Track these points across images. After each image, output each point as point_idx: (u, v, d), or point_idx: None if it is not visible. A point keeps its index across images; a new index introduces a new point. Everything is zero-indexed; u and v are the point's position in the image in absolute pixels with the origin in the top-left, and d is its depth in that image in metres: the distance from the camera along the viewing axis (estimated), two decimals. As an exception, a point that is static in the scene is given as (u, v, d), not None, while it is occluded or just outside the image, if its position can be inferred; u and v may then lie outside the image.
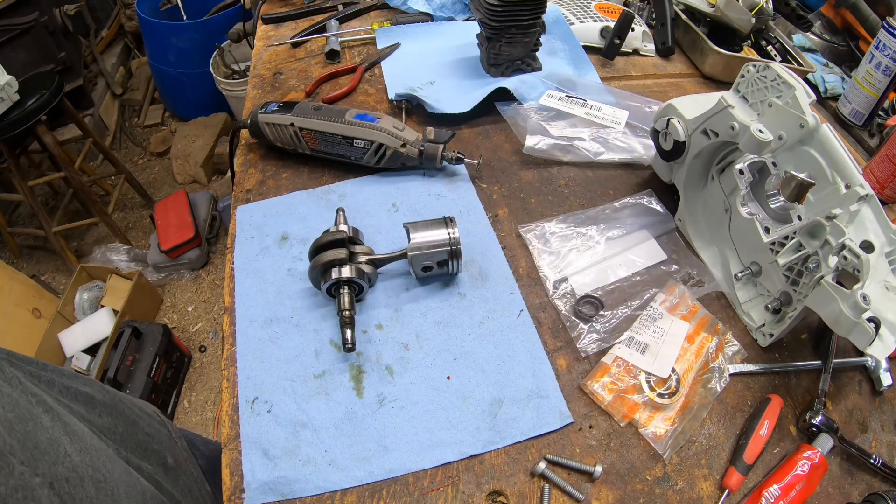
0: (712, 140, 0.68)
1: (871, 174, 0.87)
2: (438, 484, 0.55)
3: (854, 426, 0.62)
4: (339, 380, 0.62)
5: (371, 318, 0.67)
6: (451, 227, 0.66)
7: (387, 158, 0.81)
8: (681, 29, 1.12)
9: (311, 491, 0.54)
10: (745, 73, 0.65)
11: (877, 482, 0.59)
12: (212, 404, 1.93)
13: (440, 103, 0.91)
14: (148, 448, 0.56)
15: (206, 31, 2.47)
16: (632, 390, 0.60)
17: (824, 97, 1.13)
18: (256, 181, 0.84)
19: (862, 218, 0.55)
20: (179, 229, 2.21)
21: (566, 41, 1.08)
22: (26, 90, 1.86)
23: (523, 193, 0.82)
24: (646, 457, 0.57)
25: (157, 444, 0.58)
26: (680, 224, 0.78)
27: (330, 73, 1.02)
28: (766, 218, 0.67)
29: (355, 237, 0.68)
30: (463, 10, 1.17)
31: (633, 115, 0.89)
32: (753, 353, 0.66)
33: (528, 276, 0.72)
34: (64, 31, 2.48)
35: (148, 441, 0.57)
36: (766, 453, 0.58)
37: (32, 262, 2.41)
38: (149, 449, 0.56)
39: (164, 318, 2.18)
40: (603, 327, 0.66)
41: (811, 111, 0.58)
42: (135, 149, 2.91)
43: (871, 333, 0.50)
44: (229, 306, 0.69)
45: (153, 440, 0.58)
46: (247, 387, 0.61)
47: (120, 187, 2.42)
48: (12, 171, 2.00)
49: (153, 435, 0.58)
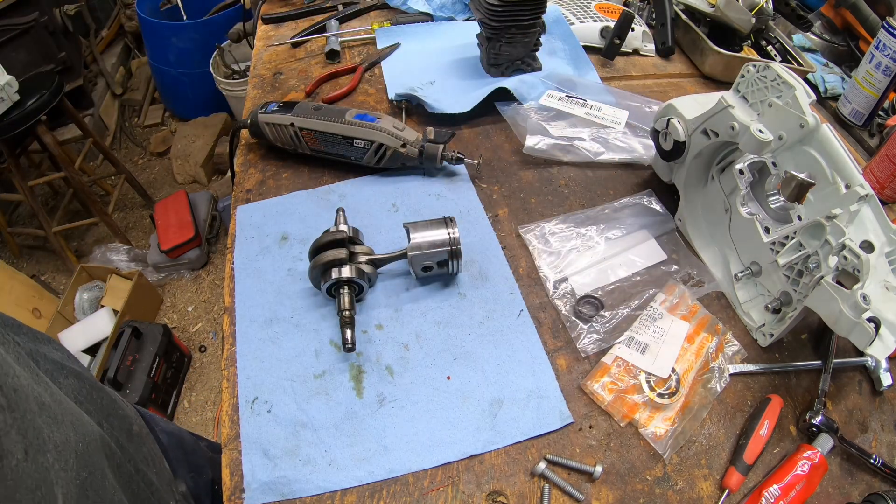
0: (712, 140, 0.68)
1: (871, 174, 0.87)
2: (438, 484, 0.55)
3: (854, 426, 0.62)
4: (339, 380, 0.62)
5: (371, 318, 0.67)
6: (451, 227, 0.66)
7: (387, 158, 0.81)
8: (681, 29, 1.12)
9: (311, 491, 0.54)
10: (745, 73, 0.65)
11: (877, 482, 0.59)
12: (212, 404, 1.93)
13: (440, 103, 0.91)
14: (112, 413, 0.55)
15: (206, 31, 2.47)
16: (632, 390, 0.60)
17: (824, 97, 1.13)
18: (256, 181, 0.84)
19: (862, 218, 0.55)
20: (179, 229, 2.21)
21: (566, 41, 1.08)
22: (26, 90, 1.86)
23: (523, 193, 0.82)
24: (646, 457, 0.57)
25: (123, 412, 0.57)
26: (680, 224, 0.78)
27: (330, 73, 1.02)
28: (766, 218, 0.67)
29: (355, 237, 0.68)
30: (463, 10, 1.17)
31: (633, 115, 0.89)
32: (753, 353, 0.66)
33: (528, 276, 0.72)
34: (64, 31, 2.48)
35: (114, 406, 0.56)
36: (766, 453, 0.58)
37: (32, 262, 2.41)
38: (113, 414, 0.55)
39: (164, 318, 2.18)
40: (603, 327, 0.66)
41: (811, 111, 0.58)
42: (135, 149, 2.91)
43: (871, 333, 0.50)
44: (229, 306, 0.69)
45: (119, 407, 0.57)
46: (247, 387, 0.61)
47: (120, 187, 2.42)
48: (12, 171, 2.00)
49: (119, 403, 0.58)
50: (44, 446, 0.37)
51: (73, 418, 0.43)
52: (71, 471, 0.40)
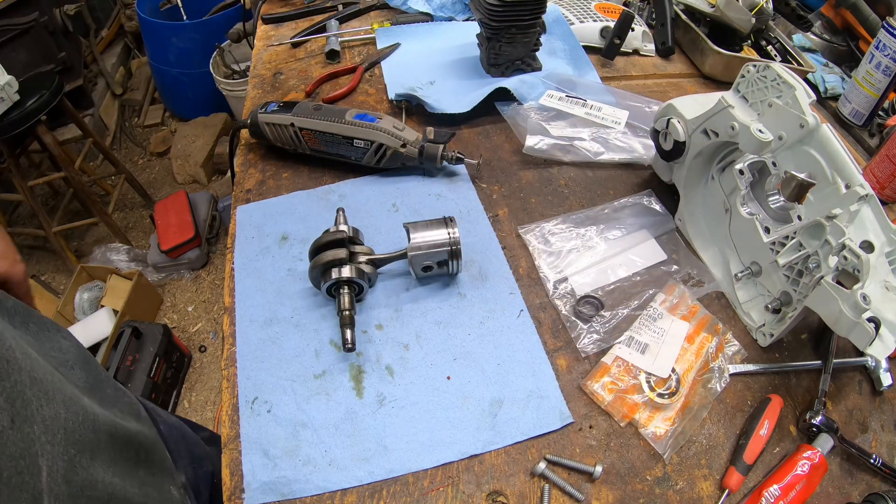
0: (712, 140, 0.68)
1: (871, 174, 0.87)
2: (438, 484, 0.55)
3: (854, 426, 0.62)
4: (339, 380, 0.62)
5: (371, 318, 0.67)
6: (451, 227, 0.66)
7: (387, 158, 0.81)
8: (681, 29, 1.12)
9: (311, 491, 0.54)
10: (745, 73, 0.65)
11: (877, 482, 0.59)
12: (212, 404, 1.93)
13: (440, 103, 0.91)
14: (119, 400, 0.56)
15: (206, 31, 2.47)
16: (632, 390, 0.60)
17: (824, 97, 1.13)
18: (256, 181, 0.84)
19: (862, 218, 0.55)
20: (179, 229, 2.21)
21: (566, 41, 1.08)
22: (26, 90, 1.86)
23: (523, 193, 0.82)
24: (646, 457, 0.57)
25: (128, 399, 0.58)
26: (680, 224, 0.78)
27: (330, 73, 1.02)
28: (766, 218, 0.67)
29: (355, 237, 0.68)
30: (463, 10, 1.17)
31: (633, 115, 0.89)
32: (753, 353, 0.66)
33: (528, 276, 0.72)
34: (64, 31, 2.48)
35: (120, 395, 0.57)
36: (766, 453, 0.58)
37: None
38: (120, 400, 0.56)
39: (164, 318, 2.17)
40: (603, 327, 0.66)
41: (811, 111, 0.58)
42: (135, 149, 2.91)
43: (871, 333, 0.50)
44: (229, 306, 0.69)
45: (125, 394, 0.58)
46: (247, 387, 0.61)
47: (120, 187, 2.41)
48: (12, 171, 2.00)
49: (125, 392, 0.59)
50: (31, 418, 0.38)
51: (65, 398, 0.44)
52: (58, 445, 0.40)
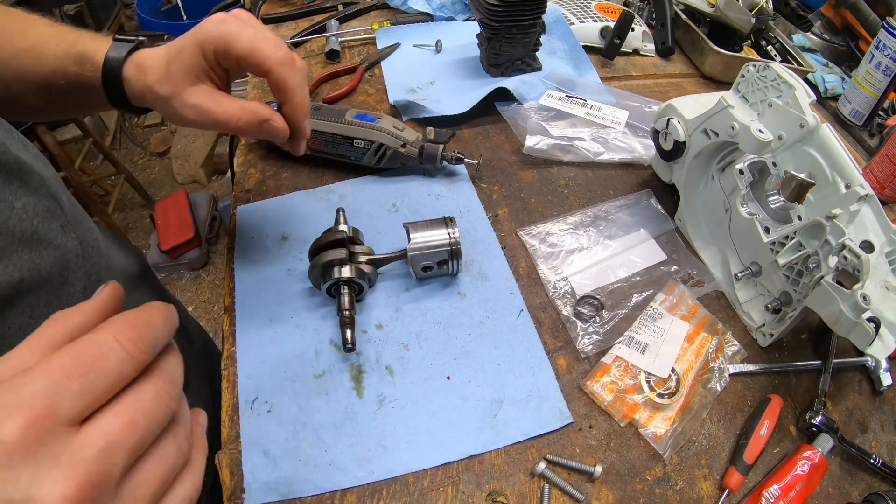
0: (712, 140, 0.68)
1: (871, 174, 0.87)
2: (438, 484, 0.55)
3: (854, 426, 0.62)
4: (339, 380, 0.62)
5: (371, 318, 0.67)
6: (451, 227, 0.66)
7: (387, 158, 0.81)
8: (681, 29, 1.12)
9: (311, 491, 0.54)
10: (745, 73, 0.65)
11: (877, 482, 0.59)
12: (212, 404, 1.92)
13: (440, 104, 0.91)
14: None
15: (206, 31, 2.47)
16: (632, 390, 0.60)
17: (824, 97, 1.13)
18: (256, 181, 0.84)
19: (862, 218, 0.55)
20: (179, 229, 2.21)
21: (566, 41, 1.08)
22: (26, 90, 1.86)
23: (523, 193, 0.82)
24: (646, 457, 0.57)
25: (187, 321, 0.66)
26: (680, 224, 0.78)
27: (330, 73, 1.02)
28: (766, 218, 0.67)
29: (355, 237, 0.68)
30: (463, 10, 1.17)
31: (633, 115, 0.89)
32: (753, 353, 0.66)
33: (528, 276, 0.72)
34: (64, 31, 2.48)
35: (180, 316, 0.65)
36: (766, 453, 0.58)
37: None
38: None
39: (164, 318, 2.17)
40: (603, 327, 0.66)
41: (811, 111, 0.58)
42: (135, 149, 2.91)
43: (871, 333, 0.50)
44: (229, 306, 0.69)
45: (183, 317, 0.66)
46: (247, 387, 0.61)
47: (120, 187, 2.41)
48: (12, 171, 2.00)
49: None
50: None
51: None
52: None
